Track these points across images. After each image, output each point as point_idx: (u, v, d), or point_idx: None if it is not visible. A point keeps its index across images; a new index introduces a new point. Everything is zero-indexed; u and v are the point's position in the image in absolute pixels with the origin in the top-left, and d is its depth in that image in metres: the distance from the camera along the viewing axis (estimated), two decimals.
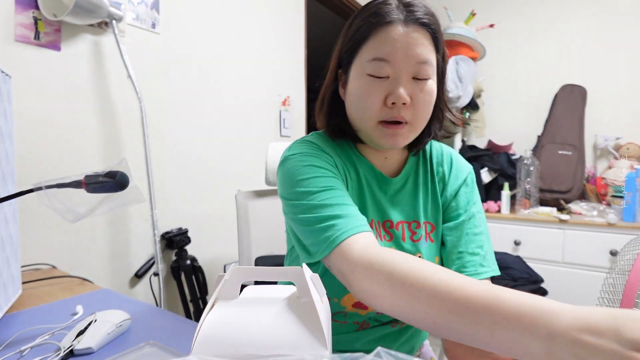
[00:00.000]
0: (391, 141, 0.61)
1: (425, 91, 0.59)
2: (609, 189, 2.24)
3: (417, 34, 0.58)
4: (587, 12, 2.47)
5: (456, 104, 2.45)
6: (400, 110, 0.59)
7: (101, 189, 0.74)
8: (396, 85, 0.58)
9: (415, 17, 0.58)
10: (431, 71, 0.60)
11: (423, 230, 0.68)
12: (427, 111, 0.62)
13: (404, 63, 0.58)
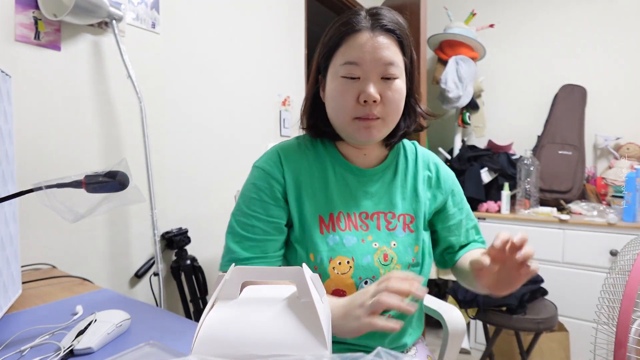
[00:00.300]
0: (365, 134, 0.68)
1: (393, 89, 0.66)
2: (609, 189, 2.24)
3: (383, 39, 0.65)
4: (587, 12, 2.47)
5: (456, 104, 2.46)
6: (372, 108, 0.66)
7: (101, 189, 0.74)
8: (366, 85, 0.65)
9: (380, 24, 0.66)
10: (398, 71, 0.67)
11: (400, 221, 0.75)
12: (396, 107, 0.68)
13: (372, 65, 0.65)
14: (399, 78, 0.67)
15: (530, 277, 0.59)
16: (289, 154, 0.75)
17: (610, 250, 1.87)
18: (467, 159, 2.44)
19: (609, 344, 0.86)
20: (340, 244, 0.70)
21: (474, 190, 2.29)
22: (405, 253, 0.73)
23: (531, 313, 1.55)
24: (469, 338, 2.26)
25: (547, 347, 1.86)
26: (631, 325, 0.82)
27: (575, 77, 2.49)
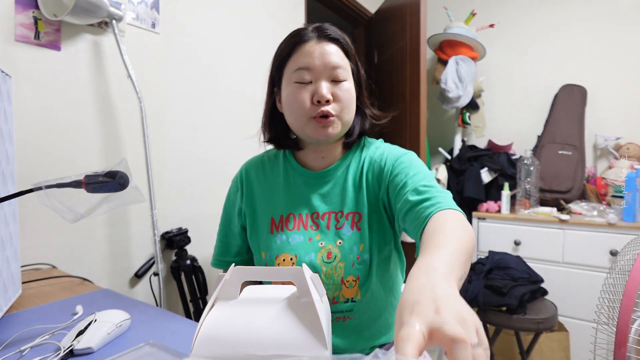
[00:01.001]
0: (324, 133, 0.72)
1: (343, 89, 0.73)
2: (609, 189, 2.24)
3: (329, 46, 0.73)
4: (587, 12, 2.47)
5: (456, 104, 2.46)
6: (325, 106, 0.71)
7: (101, 189, 0.74)
8: (318, 86, 0.71)
9: (325, 34, 0.74)
10: (346, 74, 0.74)
11: (348, 219, 0.76)
12: (349, 106, 0.74)
13: (322, 68, 0.71)
14: (347, 80, 0.74)
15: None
16: (250, 170, 0.86)
17: (610, 250, 1.87)
18: (467, 159, 2.44)
19: (609, 344, 0.86)
20: (286, 242, 0.76)
21: (474, 190, 2.29)
22: (350, 251, 0.73)
23: (531, 313, 1.55)
24: None
25: (547, 347, 1.86)
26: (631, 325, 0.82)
27: (575, 77, 2.49)
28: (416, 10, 2.20)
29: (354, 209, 0.76)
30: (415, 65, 2.21)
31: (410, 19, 2.28)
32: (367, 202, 0.76)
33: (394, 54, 2.52)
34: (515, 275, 1.68)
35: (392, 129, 2.52)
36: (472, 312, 0.33)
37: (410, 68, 2.28)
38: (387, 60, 2.65)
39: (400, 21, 2.42)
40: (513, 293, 1.58)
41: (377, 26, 2.82)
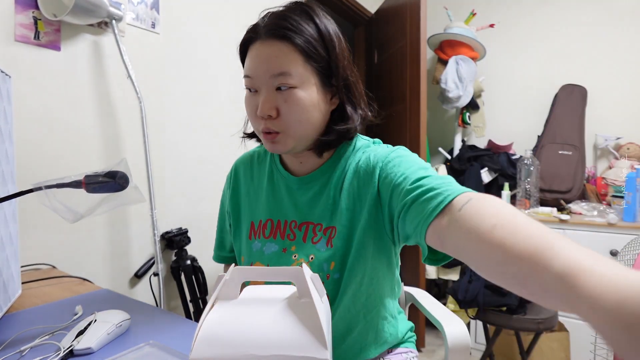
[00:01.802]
0: (271, 147, 0.65)
1: (289, 101, 0.61)
2: (609, 189, 2.24)
3: (274, 48, 0.61)
4: (587, 12, 2.47)
5: (456, 104, 2.45)
6: (267, 122, 0.62)
7: (101, 189, 0.74)
8: (260, 99, 0.62)
9: (270, 30, 0.62)
10: (295, 80, 0.61)
11: (326, 234, 0.69)
12: (296, 119, 0.62)
13: (263, 77, 0.61)
14: (298, 87, 0.61)
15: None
16: (239, 169, 0.83)
17: (611, 250, 1.87)
18: (467, 159, 2.44)
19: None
20: (260, 251, 0.72)
21: (474, 190, 2.28)
22: (320, 269, 0.67)
23: (531, 313, 1.55)
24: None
25: (548, 347, 1.86)
26: None
27: (576, 77, 2.49)
28: (416, 10, 2.20)
29: (330, 222, 0.68)
30: (415, 65, 2.21)
31: (410, 19, 2.27)
32: (344, 216, 0.67)
33: (394, 54, 2.52)
34: None
35: (392, 129, 2.52)
36: None
37: (410, 68, 2.28)
38: (387, 60, 2.65)
39: (400, 21, 2.42)
40: (513, 293, 1.58)
41: (377, 26, 2.82)
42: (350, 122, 0.67)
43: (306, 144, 0.67)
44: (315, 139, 0.66)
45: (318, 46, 0.62)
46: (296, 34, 0.61)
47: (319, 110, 0.64)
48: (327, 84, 0.65)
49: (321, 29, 0.63)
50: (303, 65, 0.61)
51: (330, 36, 0.64)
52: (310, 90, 0.62)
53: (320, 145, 0.68)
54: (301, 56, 0.61)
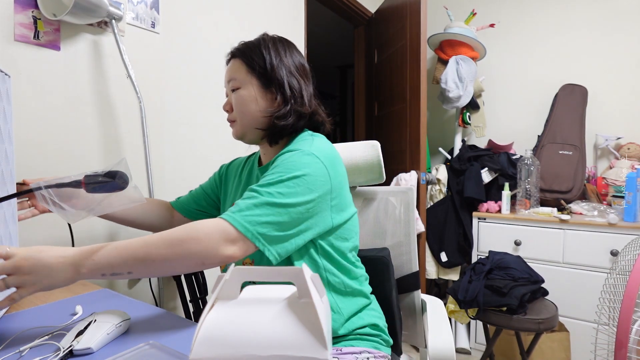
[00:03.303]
0: (232, 133, 0.90)
1: (236, 98, 0.86)
2: (609, 189, 2.24)
3: (230, 64, 0.89)
4: (588, 11, 2.47)
5: (456, 104, 2.45)
6: (228, 115, 0.90)
7: (101, 189, 0.74)
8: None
9: (230, 53, 0.90)
10: (238, 83, 0.86)
11: None
12: (241, 111, 0.86)
13: (225, 85, 0.90)
14: (241, 88, 0.85)
15: None
16: (232, 165, 1.05)
17: (611, 250, 1.87)
18: (467, 159, 2.44)
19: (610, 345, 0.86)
20: None
21: (474, 190, 2.29)
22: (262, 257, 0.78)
23: (531, 313, 1.55)
24: (469, 338, 2.26)
25: (548, 348, 1.86)
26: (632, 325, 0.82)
27: (576, 77, 2.49)
28: (416, 10, 2.20)
29: None
30: (415, 65, 2.21)
31: (410, 19, 2.27)
32: None
33: (394, 54, 2.52)
34: (516, 275, 1.68)
35: (393, 129, 2.52)
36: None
37: (410, 68, 2.28)
38: (387, 60, 2.65)
39: (400, 21, 2.41)
40: (513, 293, 1.58)
41: (377, 26, 2.82)
42: (286, 119, 0.84)
43: (254, 133, 0.87)
44: (261, 130, 0.85)
45: (257, 58, 0.86)
46: (243, 54, 0.87)
47: (256, 103, 0.85)
48: (266, 85, 0.85)
49: (263, 51, 0.86)
50: (245, 73, 0.86)
51: (270, 55, 0.86)
52: (249, 89, 0.85)
53: (267, 136, 0.86)
54: (245, 67, 0.86)
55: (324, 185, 0.73)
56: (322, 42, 4.52)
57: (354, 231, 0.87)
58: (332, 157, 0.78)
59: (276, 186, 0.69)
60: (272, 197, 0.68)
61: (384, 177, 1.14)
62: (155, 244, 0.61)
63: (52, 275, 0.59)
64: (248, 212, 0.66)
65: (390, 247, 1.14)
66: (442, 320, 1.00)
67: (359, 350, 0.81)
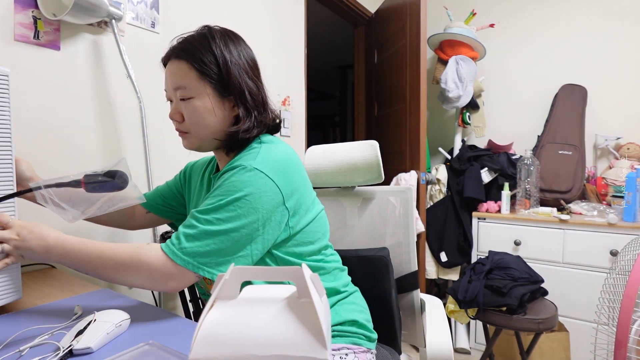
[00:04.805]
0: (183, 144, 0.82)
1: (188, 108, 0.77)
2: (609, 189, 2.24)
3: (175, 67, 0.77)
4: (587, 11, 2.47)
5: (456, 104, 2.45)
6: (176, 125, 0.80)
7: (100, 189, 0.74)
8: (171, 107, 0.80)
9: (172, 53, 0.78)
10: (192, 92, 0.76)
11: None
12: (196, 123, 0.77)
13: (170, 90, 0.79)
14: (194, 97, 0.76)
15: None
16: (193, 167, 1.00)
17: (611, 250, 1.87)
18: (467, 159, 2.44)
19: (609, 344, 0.86)
20: None
21: (474, 190, 2.29)
22: None
23: (531, 313, 1.55)
24: (469, 338, 2.26)
25: (548, 347, 1.86)
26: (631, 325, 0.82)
27: (576, 77, 2.49)
28: (416, 10, 2.20)
29: None
30: (415, 65, 2.21)
31: (410, 19, 2.28)
32: None
33: (394, 54, 2.52)
34: (516, 275, 1.68)
35: (392, 129, 2.52)
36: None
37: (410, 68, 2.28)
38: (387, 60, 2.65)
39: (400, 21, 2.42)
40: (513, 293, 1.58)
41: (377, 26, 2.82)
42: (241, 125, 0.78)
43: (211, 144, 0.81)
44: (218, 139, 0.79)
45: (210, 64, 0.75)
46: (190, 56, 0.76)
47: (214, 115, 0.77)
48: (222, 94, 0.77)
49: (215, 51, 0.76)
50: (197, 80, 0.75)
51: (223, 56, 0.76)
52: (205, 100, 0.76)
53: (224, 146, 0.81)
54: (195, 72, 0.75)
55: (272, 199, 0.70)
56: (322, 42, 4.51)
57: (321, 232, 0.83)
58: (280, 165, 0.74)
59: (216, 212, 0.68)
60: (211, 225, 0.67)
61: (382, 177, 1.14)
62: (105, 264, 0.68)
63: (31, 254, 0.70)
64: (188, 244, 0.67)
65: (390, 246, 1.14)
66: (441, 320, 1.00)
67: (337, 347, 0.80)
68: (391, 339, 1.03)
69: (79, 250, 0.69)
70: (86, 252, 0.69)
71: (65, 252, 0.69)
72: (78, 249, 0.69)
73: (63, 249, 0.69)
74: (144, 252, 0.67)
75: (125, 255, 0.68)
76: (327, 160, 1.18)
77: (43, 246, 0.68)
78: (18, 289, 0.77)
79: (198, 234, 0.67)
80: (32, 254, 0.69)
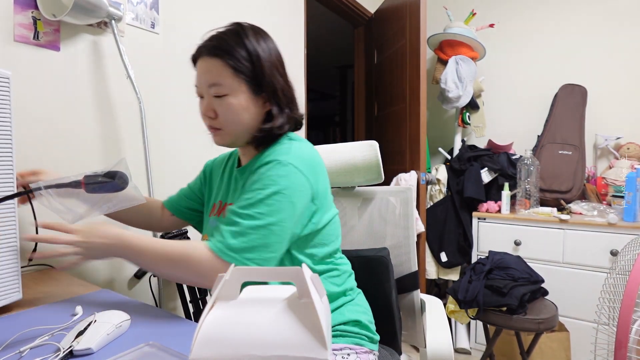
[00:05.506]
0: (215, 141, 0.83)
1: (223, 105, 0.77)
2: (609, 188, 2.24)
3: (207, 64, 0.77)
4: (587, 11, 2.47)
5: (456, 104, 2.46)
6: (209, 121, 0.80)
7: (100, 189, 0.74)
8: (203, 104, 0.80)
9: (204, 50, 0.78)
10: (226, 90, 0.76)
11: None
12: (231, 120, 0.78)
13: (203, 86, 0.79)
14: (229, 95, 0.76)
15: None
16: (214, 163, 1.01)
17: (611, 250, 1.87)
18: (467, 159, 2.44)
19: (610, 344, 0.86)
20: (207, 224, 0.89)
21: (474, 190, 2.29)
22: None
23: (531, 313, 1.55)
24: (469, 338, 2.26)
25: (548, 348, 1.86)
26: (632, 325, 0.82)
27: (575, 77, 2.49)
28: (416, 10, 2.20)
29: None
30: (415, 65, 2.21)
31: (410, 19, 2.28)
32: None
33: (394, 54, 2.52)
34: (516, 275, 1.68)
35: (392, 129, 2.52)
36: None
37: (410, 68, 2.28)
38: (387, 60, 2.65)
39: (400, 21, 2.42)
40: (513, 293, 1.58)
41: (377, 26, 2.82)
42: (275, 122, 0.80)
43: (244, 140, 0.82)
44: (250, 135, 0.80)
45: (245, 62, 0.76)
46: (225, 53, 0.76)
47: (248, 112, 0.79)
48: (256, 92, 0.79)
49: (249, 48, 0.77)
50: (232, 77, 0.76)
51: (257, 53, 0.77)
52: (240, 97, 0.77)
53: (255, 141, 0.82)
54: (230, 70, 0.76)
55: (306, 195, 0.74)
56: (322, 42, 4.52)
57: (335, 234, 0.85)
58: (311, 163, 0.77)
59: (257, 207, 0.70)
60: (254, 220, 0.69)
61: (382, 177, 1.14)
62: (159, 260, 0.71)
63: (96, 252, 0.74)
64: (233, 240, 0.68)
65: (390, 247, 1.14)
66: (441, 320, 1.00)
67: (339, 347, 0.80)
68: (391, 339, 1.03)
69: (136, 246, 0.72)
70: (143, 249, 0.71)
71: (125, 250, 0.72)
72: (135, 245, 0.72)
73: (123, 246, 0.72)
74: (194, 250, 0.69)
75: (176, 253, 0.70)
76: (327, 161, 1.18)
77: (106, 244, 0.72)
78: (18, 289, 0.77)
79: (242, 230, 0.69)
80: (96, 252, 0.74)
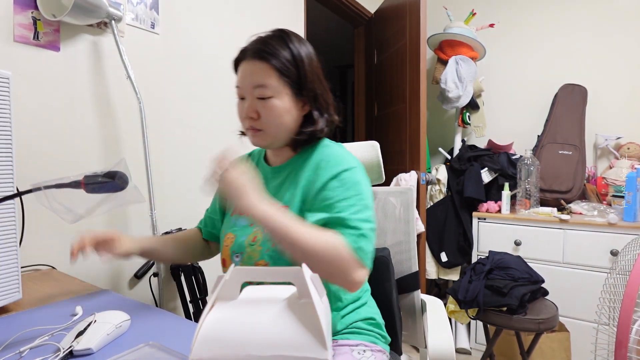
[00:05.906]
0: (254, 141, 0.82)
1: (267, 107, 0.78)
2: (609, 188, 2.24)
3: (253, 66, 0.78)
4: (587, 11, 2.47)
5: (456, 104, 2.45)
6: (251, 122, 0.80)
7: (100, 189, 0.74)
8: (245, 104, 0.79)
9: (252, 53, 0.78)
10: (271, 92, 0.77)
11: None
12: (274, 122, 0.79)
13: (247, 88, 0.79)
14: (274, 97, 0.77)
15: None
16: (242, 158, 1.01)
17: (611, 250, 1.87)
18: (467, 159, 2.44)
19: (610, 345, 0.86)
20: (234, 223, 0.86)
21: (474, 190, 2.29)
22: (268, 238, 0.79)
23: (532, 313, 1.55)
24: (469, 338, 2.26)
25: (548, 348, 1.86)
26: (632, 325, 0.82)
27: (575, 77, 2.49)
28: (416, 10, 2.20)
29: (285, 202, 0.82)
30: (415, 65, 2.21)
31: (410, 19, 2.28)
32: (299, 199, 0.81)
33: (394, 54, 2.52)
34: (516, 275, 1.68)
35: (392, 129, 2.52)
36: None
37: (410, 68, 2.28)
38: (387, 60, 2.65)
39: (400, 21, 2.42)
40: (513, 293, 1.58)
41: (377, 26, 2.82)
42: (317, 125, 0.82)
43: (282, 141, 0.83)
44: (289, 137, 0.82)
45: (290, 65, 0.78)
46: (272, 56, 0.77)
47: (290, 115, 0.80)
48: (298, 95, 0.80)
49: (294, 53, 0.79)
50: (277, 80, 0.77)
51: (301, 58, 0.80)
52: (284, 100, 0.79)
53: (294, 143, 0.84)
54: (276, 73, 0.77)
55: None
56: (322, 42, 4.52)
57: None
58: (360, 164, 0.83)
59: (363, 212, 0.74)
60: (369, 223, 0.73)
61: (383, 177, 1.14)
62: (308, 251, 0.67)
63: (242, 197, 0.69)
64: (363, 242, 0.70)
65: (390, 247, 1.14)
66: (442, 321, 1.00)
67: (355, 343, 0.81)
68: (392, 340, 1.03)
69: (283, 223, 0.68)
70: (286, 229, 0.67)
71: (271, 219, 0.68)
72: (281, 222, 0.68)
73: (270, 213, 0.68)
74: (341, 245, 0.68)
75: (323, 246, 0.68)
76: None
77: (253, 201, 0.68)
78: (18, 289, 0.77)
79: (366, 232, 0.71)
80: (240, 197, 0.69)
